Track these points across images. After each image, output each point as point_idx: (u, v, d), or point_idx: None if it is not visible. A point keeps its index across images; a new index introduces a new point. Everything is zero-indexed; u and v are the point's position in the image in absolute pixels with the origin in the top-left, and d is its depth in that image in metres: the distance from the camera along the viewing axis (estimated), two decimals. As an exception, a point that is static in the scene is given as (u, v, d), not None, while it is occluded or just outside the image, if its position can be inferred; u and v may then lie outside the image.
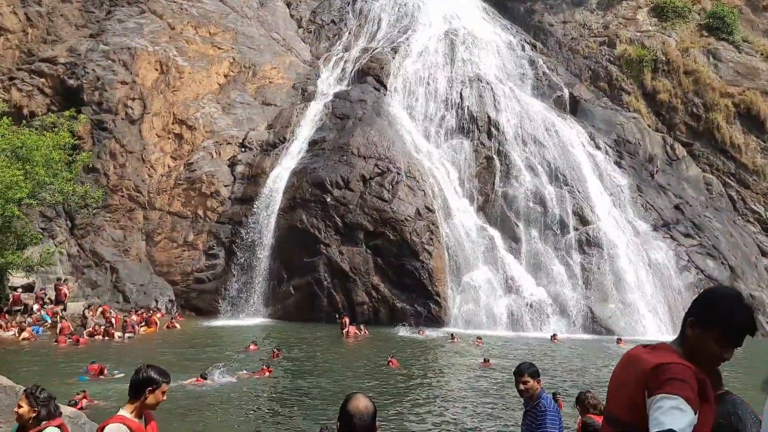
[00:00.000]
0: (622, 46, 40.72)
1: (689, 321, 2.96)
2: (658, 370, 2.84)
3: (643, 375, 2.89)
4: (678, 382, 2.77)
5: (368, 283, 28.36)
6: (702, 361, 2.94)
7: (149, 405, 4.51)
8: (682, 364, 2.85)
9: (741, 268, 31.50)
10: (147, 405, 4.50)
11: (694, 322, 2.94)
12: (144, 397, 4.46)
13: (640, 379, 2.89)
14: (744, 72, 39.02)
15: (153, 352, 20.46)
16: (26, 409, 5.27)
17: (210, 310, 29.50)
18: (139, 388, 4.49)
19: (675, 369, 2.81)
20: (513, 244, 30.58)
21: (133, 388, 4.51)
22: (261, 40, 38.98)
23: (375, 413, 3.37)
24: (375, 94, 35.42)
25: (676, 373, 2.79)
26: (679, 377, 2.78)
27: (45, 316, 25.61)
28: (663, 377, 2.81)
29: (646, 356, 2.96)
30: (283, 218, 30.18)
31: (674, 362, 2.85)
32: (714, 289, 3.09)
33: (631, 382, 2.96)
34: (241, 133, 34.09)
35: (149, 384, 4.47)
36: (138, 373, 4.54)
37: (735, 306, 2.90)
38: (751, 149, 36.97)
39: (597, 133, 35.89)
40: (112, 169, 32.04)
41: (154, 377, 4.47)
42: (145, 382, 4.49)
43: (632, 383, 2.95)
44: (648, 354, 2.99)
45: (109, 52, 34.19)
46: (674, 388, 2.76)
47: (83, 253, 30.29)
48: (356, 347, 23.02)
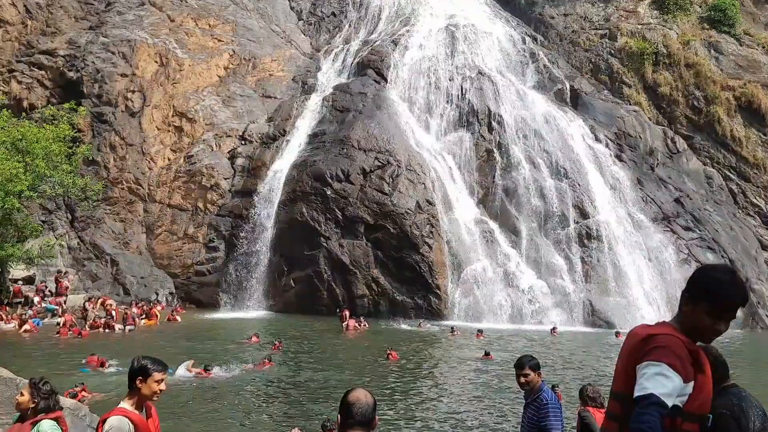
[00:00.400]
0: (623, 39, 40.60)
1: (683, 296, 3.10)
2: (647, 340, 3.01)
3: (635, 346, 3.07)
4: (663, 349, 2.91)
5: (368, 276, 28.39)
6: (697, 334, 3.07)
7: (145, 395, 4.49)
8: (672, 334, 2.99)
9: (741, 261, 31.51)
10: (143, 395, 4.49)
11: (687, 297, 3.08)
12: (138, 388, 4.46)
13: (632, 350, 3.07)
14: (745, 65, 38.93)
15: (154, 345, 20.48)
16: (26, 398, 5.34)
17: (210, 303, 29.56)
18: (132, 379, 4.50)
19: (662, 338, 2.96)
20: (513, 237, 30.58)
21: (129, 380, 4.53)
22: (261, 33, 38.88)
23: (375, 405, 3.44)
24: (375, 87, 35.35)
25: (663, 342, 2.94)
26: (666, 345, 2.92)
27: (50, 307, 25.67)
28: (650, 346, 2.96)
29: (641, 330, 3.14)
30: (283, 211, 30.18)
31: (663, 333, 3.00)
32: (706, 265, 3.25)
33: (626, 354, 3.13)
34: (241, 125, 34.05)
35: (139, 374, 4.47)
36: (132, 363, 4.55)
37: (724, 278, 3.02)
38: (752, 142, 36.92)
39: (597, 126, 35.83)
40: (112, 161, 32.02)
41: (144, 366, 4.46)
42: (135, 372, 4.49)
43: (626, 355, 3.13)
44: (643, 328, 3.16)
45: (108, 45, 34.10)
46: (659, 355, 2.89)
47: (83, 246, 30.31)
48: (356, 340, 23.06)
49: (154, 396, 4.51)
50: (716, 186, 35.88)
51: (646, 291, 29.03)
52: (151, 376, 4.46)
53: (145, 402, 4.53)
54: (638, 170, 34.32)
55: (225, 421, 12.65)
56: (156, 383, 4.48)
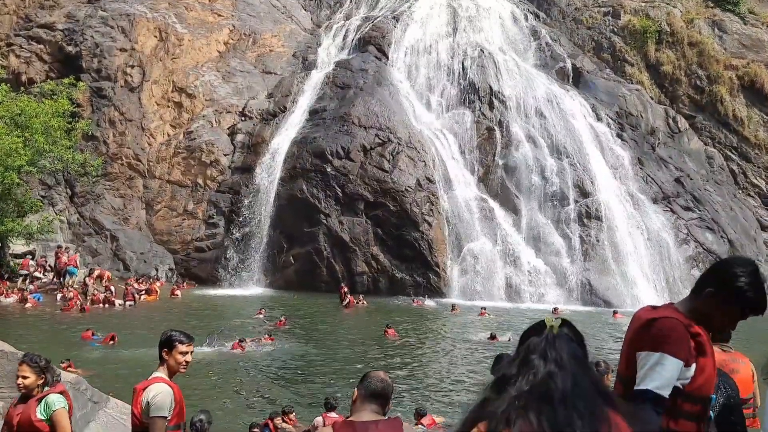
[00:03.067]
0: (626, 17, 40.21)
1: (708, 292, 3.01)
2: (646, 326, 2.99)
3: (636, 331, 3.05)
4: (662, 337, 2.91)
5: (368, 253, 28.44)
6: (707, 325, 3.06)
7: (171, 366, 4.68)
8: (672, 317, 2.97)
9: (740, 241, 31.56)
10: (170, 367, 4.68)
11: (712, 293, 3.00)
12: (165, 359, 4.60)
13: (634, 336, 3.06)
14: (749, 44, 38.63)
15: (153, 321, 20.59)
16: (33, 378, 5.07)
17: (210, 279, 29.63)
18: (159, 350, 4.72)
19: (663, 323, 2.94)
20: (513, 215, 30.59)
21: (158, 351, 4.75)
22: (261, 8, 38.51)
23: (392, 388, 3.65)
24: (376, 64, 35.10)
25: (663, 328, 2.93)
26: (663, 331, 2.91)
27: (73, 270, 25.83)
28: (647, 334, 2.96)
29: (644, 313, 3.10)
30: (283, 188, 30.14)
31: (665, 317, 2.97)
32: (735, 264, 3.10)
33: (629, 338, 3.12)
34: (241, 101, 33.88)
35: (165, 345, 4.64)
36: (161, 336, 4.77)
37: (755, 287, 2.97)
38: (754, 122, 36.75)
39: (599, 105, 35.66)
40: (111, 137, 31.90)
41: (169, 338, 4.65)
42: (162, 345, 4.72)
43: (629, 340, 3.11)
44: (646, 311, 3.12)
45: (107, 19, 33.80)
46: (657, 343, 2.90)
47: (83, 221, 30.32)
48: (355, 317, 23.18)
49: (180, 367, 4.70)
50: (717, 166, 35.80)
51: (645, 271, 29.11)
52: (176, 347, 4.66)
53: (174, 373, 4.66)
54: (639, 150, 34.21)
55: (224, 396, 12.75)
56: (180, 354, 4.67)
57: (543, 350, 2.05)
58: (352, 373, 14.15)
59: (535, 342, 2.10)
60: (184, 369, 4.76)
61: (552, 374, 1.96)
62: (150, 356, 4.82)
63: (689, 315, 3.03)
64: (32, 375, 5.07)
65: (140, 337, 17.19)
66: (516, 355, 2.13)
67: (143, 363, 12.19)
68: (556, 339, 2.09)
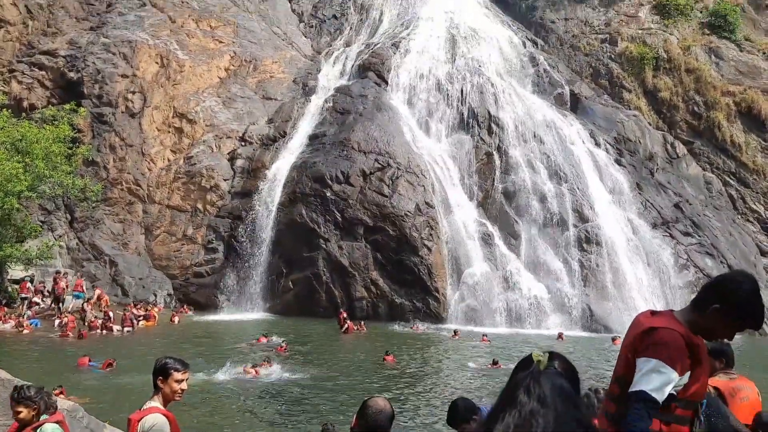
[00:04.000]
0: (623, 44, 40.62)
1: (713, 308, 3.12)
2: (647, 333, 3.14)
3: (636, 337, 3.21)
4: (660, 346, 3.06)
5: (367, 278, 28.37)
6: (705, 335, 3.22)
7: (166, 395, 4.57)
8: (671, 328, 3.12)
9: (740, 267, 31.43)
10: (165, 395, 4.56)
11: (716, 309, 3.11)
12: (160, 387, 4.52)
13: (633, 341, 3.22)
14: (745, 71, 38.96)
15: (152, 347, 20.46)
16: (26, 411, 5.13)
17: (209, 305, 29.51)
18: (154, 378, 4.61)
19: (661, 333, 3.10)
20: (512, 240, 30.58)
21: (153, 378, 4.63)
22: (262, 35, 38.90)
23: (392, 416, 3.59)
24: (376, 89, 35.36)
25: (661, 337, 3.08)
26: (663, 341, 3.07)
27: (79, 294, 25.81)
28: (648, 341, 3.11)
29: (644, 319, 3.27)
30: (282, 213, 30.18)
31: (663, 327, 3.12)
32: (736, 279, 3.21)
33: (627, 343, 3.28)
34: (242, 127, 34.06)
35: (160, 373, 4.53)
36: (155, 363, 4.61)
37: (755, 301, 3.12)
38: (752, 148, 36.92)
39: (597, 130, 35.85)
40: (111, 162, 32.00)
41: (165, 366, 4.54)
42: (157, 372, 4.60)
43: (627, 344, 3.27)
44: (646, 318, 3.29)
45: (109, 45, 34.10)
46: (655, 351, 3.05)
47: (82, 247, 30.28)
48: (354, 343, 23.04)
49: (175, 395, 4.59)
50: (715, 191, 35.88)
51: (645, 296, 29.00)
52: (171, 375, 4.54)
53: (169, 401, 4.59)
54: (638, 175, 34.32)
55: (220, 424, 12.63)
56: (176, 382, 4.56)
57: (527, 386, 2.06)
58: (350, 399, 14.05)
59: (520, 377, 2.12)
60: (180, 397, 4.67)
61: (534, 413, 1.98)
62: (148, 383, 4.73)
63: (688, 326, 3.16)
64: (25, 409, 5.11)
65: (138, 363, 17.06)
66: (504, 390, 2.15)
67: (141, 390, 12.09)
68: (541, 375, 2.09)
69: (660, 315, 3.28)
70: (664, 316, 3.25)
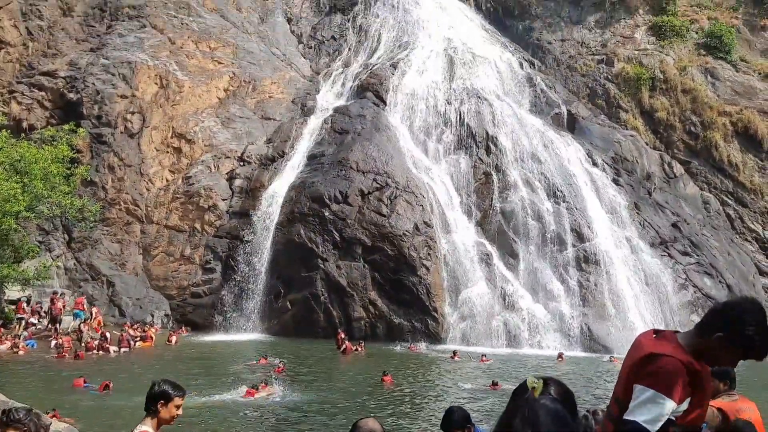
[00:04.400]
0: (620, 65, 40.93)
1: (717, 336, 3.04)
2: (647, 359, 3.06)
3: (637, 361, 3.12)
4: (660, 375, 2.98)
5: (365, 298, 28.29)
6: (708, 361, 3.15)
7: (163, 419, 4.55)
8: (673, 356, 3.02)
9: (738, 286, 31.45)
10: (161, 419, 4.54)
11: (721, 338, 3.03)
12: (157, 411, 4.48)
13: (633, 365, 3.13)
14: (741, 91, 39.21)
15: (149, 368, 20.33)
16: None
17: (206, 325, 29.38)
18: (152, 402, 4.55)
19: (662, 362, 3.01)
20: (511, 260, 30.54)
21: (147, 402, 4.58)
22: (261, 55, 39.14)
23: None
24: (374, 110, 35.51)
25: (662, 366, 2.99)
26: (664, 371, 2.98)
27: (79, 313, 25.74)
28: (648, 368, 3.03)
29: (646, 342, 3.17)
30: (280, 232, 30.15)
31: (665, 354, 3.03)
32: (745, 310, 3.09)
33: (628, 365, 3.19)
34: (240, 147, 34.14)
35: (161, 398, 4.50)
36: (152, 386, 4.57)
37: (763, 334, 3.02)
38: (749, 168, 37.06)
39: (594, 150, 35.98)
40: (110, 182, 32.02)
41: (166, 391, 4.51)
42: (157, 396, 4.54)
43: (628, 367, 3.19)
44: (648, 340, 3.19)
45: (109, 66, 34.27)
46: (654, 381, 2.97)
47: (80, 267, 30.19)
48: (353, 363, 22.90)
49: (172, 420, 4.56)
50: (713, 211, 35.94)
51: (644, 316, 28.91)
52: (173, 400, 4.52)
53: (162, 425, 4.55)
54: (635, 195, 34.39)
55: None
56: (175, 408, 4.54)
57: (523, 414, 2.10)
58: (348, 421, 13.93)
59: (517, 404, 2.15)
60: (173, 423, 4.66)
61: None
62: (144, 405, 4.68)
63: (691, 350, 3.09)
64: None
65: (135, 384, 16.93)
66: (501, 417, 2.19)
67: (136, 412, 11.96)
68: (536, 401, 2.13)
69: (663, 338, 3.18)
70: (667, 340, 3.16)
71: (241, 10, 41.42)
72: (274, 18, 43.15)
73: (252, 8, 42.29)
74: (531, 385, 2.19)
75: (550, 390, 2.19)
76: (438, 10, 43.49)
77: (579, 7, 44.53)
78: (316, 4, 44.82)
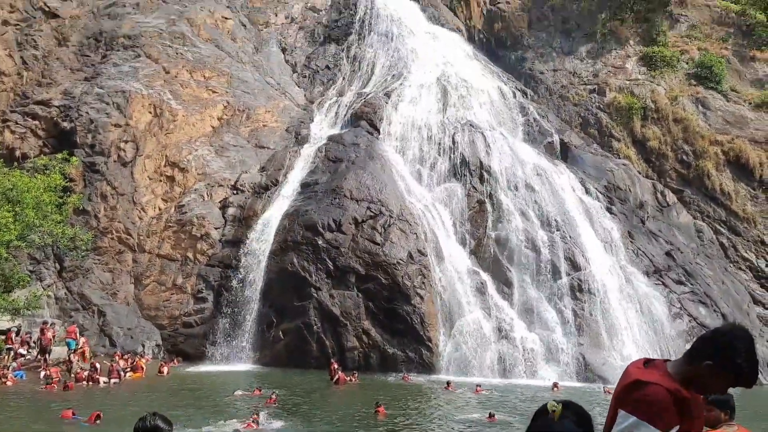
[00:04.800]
0: (611, 94, 41.32)
1: (707, 365, 3.08)
2: (634, 386, 3.09)
3: (623, 388, 3.15)
4: (643, 403, 2.99)
5: (359, 327, 28.05)
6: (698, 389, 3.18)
7: None
8: (658, 384, 3.04)
9: (733, 315, 31.35)
10: None
11: (711, 366, 3.07)
12: None
13: (620, 392, 3.16)
14: (732, 120, 39.56)
15: (139, 399, 20.02)
16: None
17: (197, 355, 29.05)
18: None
19: (647, 389, 3.03)
20: (505, 288, 30.41)
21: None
22: (255, 85, 39.36)
23: None
24: (368, 138, 35.64)
25: (647, 394, 3.01)
26: (648, 399, 3.00)
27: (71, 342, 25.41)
28: (633, 395, 3.06)
29: (634, 370, 3.20)
30: (273, 261, 29.99)
31: (651, 382, 3.06)
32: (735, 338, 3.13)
33: (616, 393, 3.22)
34: (234, 175, 34.13)
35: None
36: (144, 420, 4.46)
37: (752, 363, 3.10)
38: (741, 197, 37.21)
39: (588, 179, 36.11)
40: (102, 211, 31.90)
41: (157, 427, 4.41)
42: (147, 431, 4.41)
43: (615, 395, 3.21)
44: (636, 369, 3.22)
45: (103, 95, 34.38)
46: (636, 408, 3.00)
47: (71, 296, 29.92)
48: (346, 394, 22.61)
49: None
50: (707, 240, 35.99)
51: (639, 345, 28.74)
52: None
53: None
54: (629, 223, 34.43)
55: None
56: None
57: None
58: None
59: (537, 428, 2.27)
60: None
61: None
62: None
63: (680, 378, 3.11)
64: None
65: (124, 415, 16.65)
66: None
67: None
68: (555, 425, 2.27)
69: (652, 367, 3.22)
70: (656, 368, 3.20)
71: (236, 40, 41.74)
72: (268, 48, 43.52)
73: (247, 38, 42.65)
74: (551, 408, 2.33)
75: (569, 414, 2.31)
76: (431, 41, 43.95)
77: (570, 38, 45.10)
78: (311, 34, 45.24)
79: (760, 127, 39.03)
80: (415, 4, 47.60)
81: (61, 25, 37.53)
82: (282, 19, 45.25)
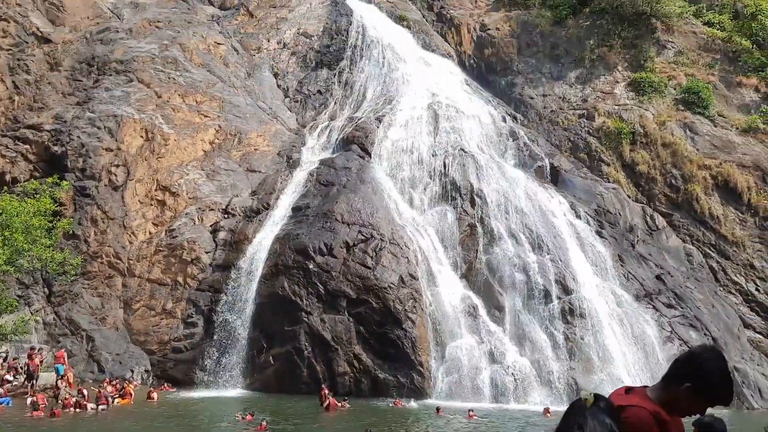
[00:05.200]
0: (600, 119, 41.71)
1: (686, 387, 3.24)
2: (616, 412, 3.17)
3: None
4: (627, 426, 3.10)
5: (350, 352, 27.88)
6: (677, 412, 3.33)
7: None
8: (640, 406, 3.20)
9: (724, 339, 31.40)
10: None
11: (689, 388, 3.23)
12: None
13: None
14: (720, 145, 39.96)
15: (127, 426, 19.77)
16: None
17: (187, 381, 28.74)
18: None
19: (628, 412, 3.17)
20: (497, 312, 30.35)
21: None
22: (247, 109, 39.52)
23: None
24: (359, 162, 35.77)
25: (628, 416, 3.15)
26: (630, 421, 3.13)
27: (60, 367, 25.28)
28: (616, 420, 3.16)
29: (615, 398, 3.32)
30: (264, 285, 29.86)
31: (632, 405, 3.21)
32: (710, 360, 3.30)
33: None
34: (225, 199, 34.11)
35: None
36: None
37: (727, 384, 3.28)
38: (730, 221, 37.46)
39: (578, 202, 36.30)
40: (92, 235, 31.75)
41: None
42: None
43: None
44: (617, 396, 3.36)
45: (95, 120, 34.42)
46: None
47: (59, 321, 29.65)
48: (336, 420, 22.42)
49: None
50: (696, 263, 36.14)
51: (630, 369, 28.70)
52: None
53: None
54: (619, 247, 34.56)
55: None
56: None
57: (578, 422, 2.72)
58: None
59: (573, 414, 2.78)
60: None
61: None
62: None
63: (659, 402, 3.27)
64: None
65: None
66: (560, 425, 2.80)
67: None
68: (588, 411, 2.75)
69: (633, 393, 3.36)
70: (636, 394, 3.33)
71: (228, 65, 42.00)
72: (261, 73, 43.79)
73: (239, 63, 42.93)
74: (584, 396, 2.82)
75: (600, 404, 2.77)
76: (422, 66, 44.35)
77: (559, 63, 45.63)
78: (303, 59, 45.56)
79: (747, 151, 39.45)
80: (407, 30, 48.11)
81: (54, 50, 37.67)
82: (274, 45, 45.61)
